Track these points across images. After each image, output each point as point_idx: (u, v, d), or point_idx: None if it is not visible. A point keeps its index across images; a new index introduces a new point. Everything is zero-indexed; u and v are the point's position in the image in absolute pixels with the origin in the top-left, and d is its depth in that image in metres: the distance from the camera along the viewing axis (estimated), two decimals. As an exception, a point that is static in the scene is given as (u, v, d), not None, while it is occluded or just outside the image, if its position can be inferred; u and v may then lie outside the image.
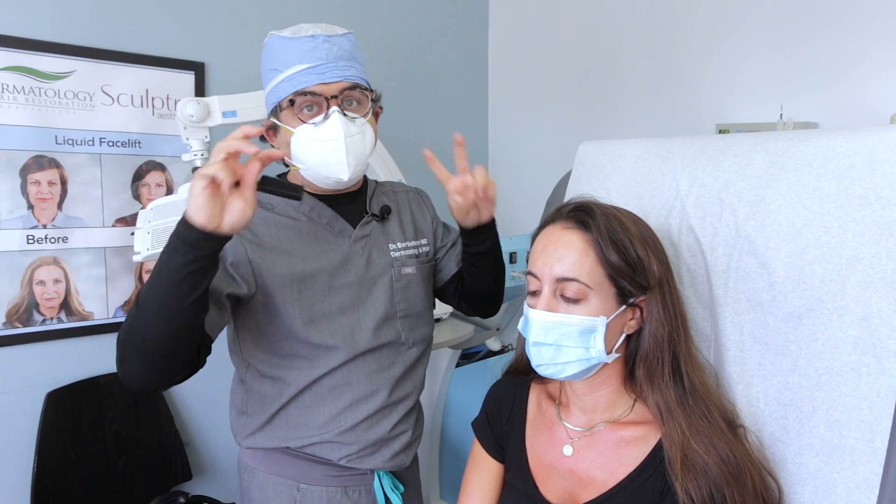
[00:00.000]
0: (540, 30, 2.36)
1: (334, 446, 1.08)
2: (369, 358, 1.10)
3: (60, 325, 1.67)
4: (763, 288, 0.88)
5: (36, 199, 1.62)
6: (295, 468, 1.09)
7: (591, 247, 0.84)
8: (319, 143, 1.03)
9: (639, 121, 2.05)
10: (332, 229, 1.11)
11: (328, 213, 1.11)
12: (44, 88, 1.60)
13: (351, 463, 1.08)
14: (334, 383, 1.07)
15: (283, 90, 1.04)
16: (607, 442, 0.88)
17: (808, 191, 0.87)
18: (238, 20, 1.91)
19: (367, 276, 1.11)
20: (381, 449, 1.11)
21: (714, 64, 1.84)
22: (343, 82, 1.04)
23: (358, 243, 1.12)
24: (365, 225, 1.14)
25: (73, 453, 1.65)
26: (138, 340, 0.85)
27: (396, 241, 1.17)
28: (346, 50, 1.06)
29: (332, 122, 1.02)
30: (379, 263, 1.13)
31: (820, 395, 0.83)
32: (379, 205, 1.18)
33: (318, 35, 1.04)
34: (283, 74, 1.04)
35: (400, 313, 1.13)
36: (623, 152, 1.12)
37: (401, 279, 1.14)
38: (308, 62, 1.03)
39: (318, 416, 1.07)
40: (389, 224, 1.18)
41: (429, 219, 1.27)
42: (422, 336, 1.19)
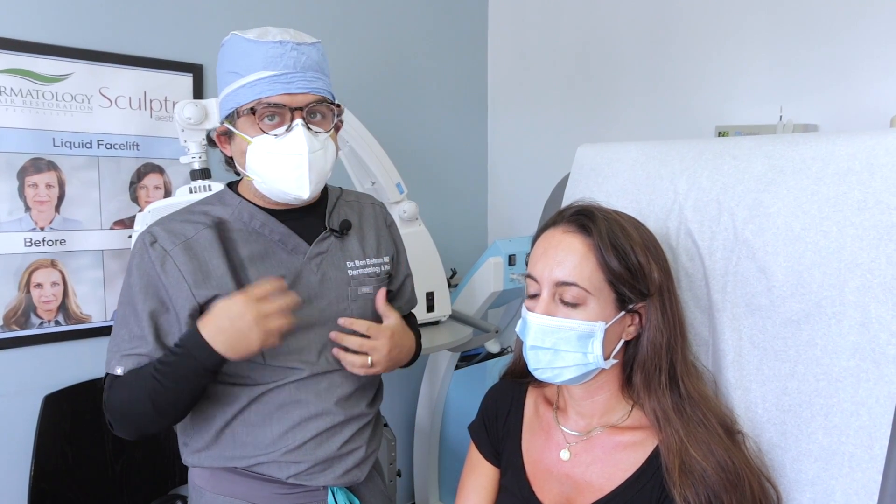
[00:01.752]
0: (539, 31, 2.35)
1: (281, 465, 1.03)
2: (319, 378, 1.05)
3: (58, 328, 1.67)
4: (761, 292, 0.88)
5: (33, 202, 1.61)
6: (243, 487, 1.04)
7: (592, 251, 0.83)
8: (280, 156, 0.97)
9: (638, 123, 2.05)
10: (284, 246, 1.04)
11: (281, 230, 1.04)
12: (41, 91, 1.60)
13: (300, 480, 1.04)
14: (282, 401, 1.03)
15: (243, 96, 0.97)
16: (604, 447, 0.87)
17: (807, 195, 0.86)
18: (236, 22, 1.90)
19: (320, 294, 1.05)
20: (331, 466, 1.05)
21: (713, 65, 1.83)
22: (310, 95, 0.98)
23: (313, 260, 1.05)
24: (322, 241, 1.07)
25: (70, 456, 1.64)
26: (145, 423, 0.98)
27: (355, 258, 1.10)
28: (314, 60, 1.00)
29: (296, 136, 0.96)
30: (334, 282, 1.07)
31: (818, 401, 0.83)
32: (339, 219, 1.11)
33: (287, 42, 0.97)
34: (244, 79, 0.97)
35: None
36: (621, 155, 1.12)
37: (357, 299, 1.08)
38: (273, 69, 0.96)
39: (265, 435, 1.02)
40: (349, 240, 1.11)
41: (391, 242, 1.20)
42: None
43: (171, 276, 0.97)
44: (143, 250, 0.99)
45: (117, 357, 0.99)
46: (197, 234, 1.00)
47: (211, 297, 0.98)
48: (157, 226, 1.01)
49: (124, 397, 0.97)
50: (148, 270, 0.98)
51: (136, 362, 0.97)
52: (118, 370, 0.98)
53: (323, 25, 2.09)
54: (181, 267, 0.97)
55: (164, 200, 1.58)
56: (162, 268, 0.97)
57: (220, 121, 1.04)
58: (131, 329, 0.99)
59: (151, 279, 0.98)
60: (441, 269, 1.96)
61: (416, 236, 1.91)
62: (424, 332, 1.91)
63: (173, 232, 1.00)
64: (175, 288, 0.97)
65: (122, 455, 1.73)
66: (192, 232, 1.00)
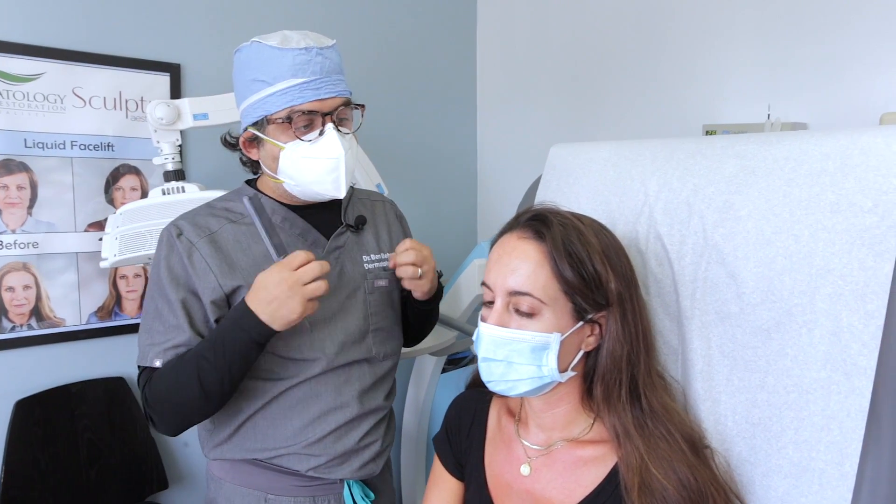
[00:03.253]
0: (528, 31, 2.31)
1: (301, 458, 1.06)
2: (339, 371, 1.08)
3: (31, 332, 1.64)
4: (731, 299, 0.84)
5: (4, 204, 1.58)
6: (262, 479, 1.07)
7: (547, 259, 0.79)
8: (315, 160, 1.00)
9: (627, 122, 2.00)
10: (304, 240, 1.09)
11: (301, 224, 1.09)
12: (12, 91, 1.57)
13: (318, 473, 1.06)
14: (302, 395, 1.05)
15: (273, 104, 1.00)
16: (565, 462, 0.83)
17: (779, 197, 0.82)
18: (215, 21, 1.87)
19: (339, 287, 1.08)
20: (349, 459, 1.08)
21: (701, 63, 1.79)
22: (337, 98, 1.02)
23: (331, 254, 1.09)
24: (339, 236, 1.12)
25: (43, 462, 1.61)
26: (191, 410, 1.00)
27: (370, 252, 1.15)
28: (335, 63, 1.03)
29: (331, 140, 1.00)
30: (352, 275, 1.11)
31: (788, 414, 0.78)
32: (354, 214, 1.16)
33: (311, 47, 1.00)
34: (273, 87, 0.99)
35: (372, 326, 1.12)
36: (593, 155, 1.08)
37: (374, 292, 1.13)
38: (302, 76, 0.99)
39: (285, 428, 1.05)
40: (364, 235, 1.16)
41: (402, 234, 1.25)
42: (392, 349, 1.18)
43: (197, 266, 1.01)
44: (170, 242, 1.03)
45: (154, 350, 1.01)
46: (221, 229, 1.05)
47: (236, 286, 1.02)
48: (182, 219, 1.05)
49: (168, 385, 0.98)
50: (175, 261, 1.02)
51: (175, 353, 1.00)
52: (157, 363, 1.00)
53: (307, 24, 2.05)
54: (207, 259, 1.01)
55: (137, 202, 1.55)
56: (189, 259, 1.01)
57: (244, 126, 1.06)
58: (165, 320, 1.01)
59: (179, 269, 1.01)
60: (424, 272, 1.92)
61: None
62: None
63: (198, 225, 1.04)
64: (201, 278, 1.01)
65: (97, 461, 1.70)
66: (216, 226, 1.05)
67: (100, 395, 1.73)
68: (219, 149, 1.88)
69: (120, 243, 1.47)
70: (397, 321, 1.20)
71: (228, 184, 1.80)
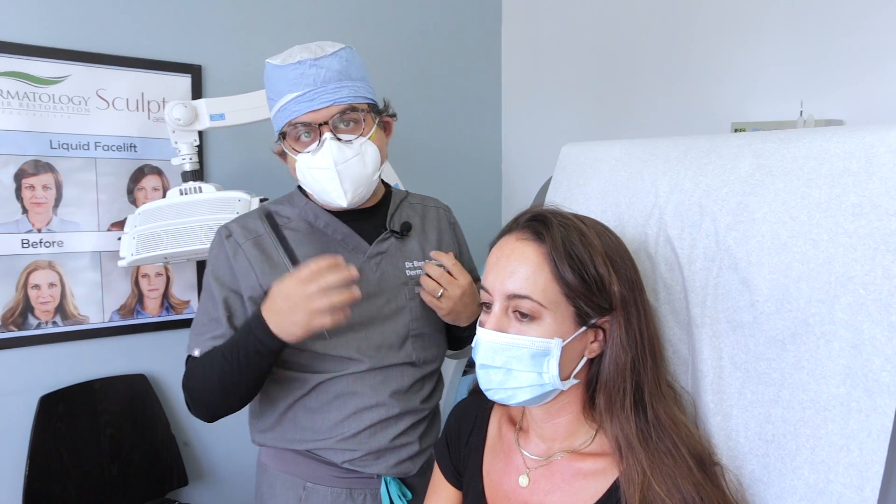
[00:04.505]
0: (553, 27, 2.26)
1: (337, 451, 1.08)
2: (376, 372, 1.09)
3: (56, 329, 1.68)
4: (744, 307, 0.79)
5: (30, 204, 1.63)
6: (302, 467, 1.10)
7: (546, 262, 0.76)
8: (316, 170, 1.02)
9: (653, 119, 1.94)
10: (346, 246, 1.11)
11: (343, 230, 1.11)
12: (38, 93, 1.61)
13: (354, 466, 1.08)
14: (339, 391, 1.08)
15: (279, 120, 1.05)
16: (564, 474, 0.80)
17: (797, 198, 0.76)
18: (235, 22, 1.88)
19: (378, 292, 1.10)
20: (383, 456, 1.09)
21: (730, 58, 1.71)
22: (332, 107, 1.02)
23: (372, 259, 1.11)
24: (382, 241, 1.13)
25: (66, 457, 1.65)
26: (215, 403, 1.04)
27: (414, 259, 1.15)
28: (335, 71, 1.03)
29: (324, 150, 1.01)
30: (392, 281, 1.12)
31: (805, 432, 0.73)
32: (400, 220, 1.17)
33: (305, 60, 1.01)
34: (277, 104, 1.04)
35: (413, 332, 1.12)
36: (604, 155, 1.04)
37: (414, 298, 1.13)
38: (296, 90, 1.01)
39: (323, 421, 1.08)
40: (410, 241, 1.16)
41: (455, 243, 1.25)
42: (432, 356, 1.18)
43: (241, 265, 1.06)
44: (220, 243, 1.09)
45: (196, 340, 1.06)
46: (267, 232, 1.09)
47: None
48: (233, 222, 1.11)
49: (199, 376, 1.04)
50: (222, 261, 1.07)
51: (211, 344, 1.04)
52: (196, 352, 1.05)
53: (330, 25, 2.05)
54: (251, 259, 1.06)
55: (155, 202, 1.57)
56: (234, 258, 1.06)
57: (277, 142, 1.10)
58: (209, 313, 1.07)
59: (224, 269, 1.07)
60: (442, 273, 1.89)
61: (416, 239, 1.85)
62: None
63: (246, 228, 1.09)
64: (244, 276, 1.06)
65: (118, 457, 1.73)
66: (262, 229, 1.09)
67: (121, 392, 1.76)
68: (238, 149, 1.91)
69: (137, 243, 1.49)
70: (440, 328, 1.19)
71: (247, 184, 1.82)
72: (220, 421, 1.09)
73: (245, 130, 1.75)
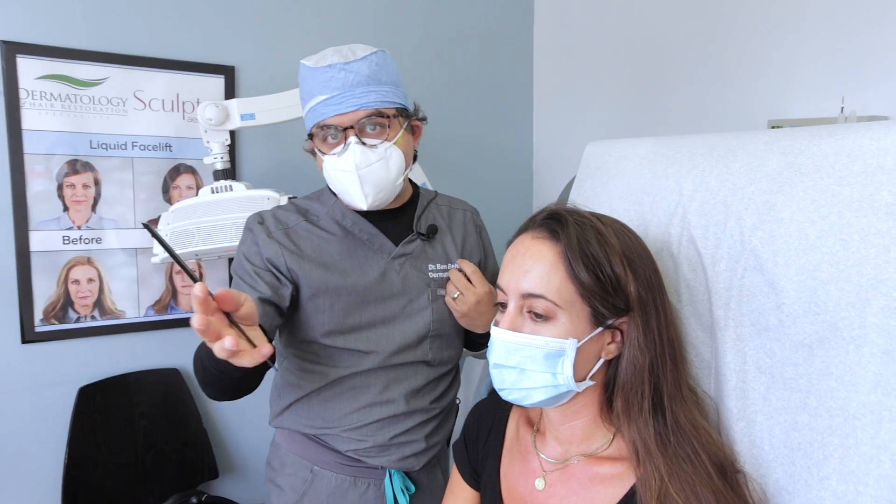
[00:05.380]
0: (585, 25, 2.23)
1: (343, 440, 1.11)
2: (391, 369, 1.12)
3: (94, 323, 1.74)
4: (769, 310, 0.76)
5: (71, 202, 1.68)
6: (312, 451, 1.14)
7: (562, 260, 0.74)
8: (340, 173, 1.05)
9: (686, 117, 1.89)
10: (371, 245, 1.13)
11: (370, 230, 1.13)
12: (79, 95, 1.67)
13: (359, 456, 1.11)
14: (353, 384, 1.11)
15: (310, 120, 1.08)
16: (580, 478, 0.78)
17: (826, 197, 0.73)
18: (267, 24, 1.91)
19: (401, 293, 1.12)
20: (387, 450, 1.11)
21: (768, 52, 1.66)
22: (359, 111, 1.03)
23: (396, 260, 1.13)
24: (408, 243, 1.14)
25: (102, 447, 1.71)
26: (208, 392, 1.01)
27: (437, 261, 1.16)
28: (364, 75, 1.04)
29: (348, 154, 1.03)
30: (415, 282, 1.13)
31: (833, 441, 0.70)
32: (427, 223, 1.18)
33: (335, 64, 1.04)
34: (308, 105, 1.07)
35: (431, 333, 1.14)
36: (629, 153, 1.01)
37: (436, 300, 1.14)
38: (326, 93, 1.04)
39: (334, 411, 1.11)
40: (435, 243, 1.18)
41: (480, 247, 1.26)
42: (448, 357, 1.19)
43: (270, 246, 1.08)
44: (252, 226, 1.12)
45: None
46: (297, 225, 1.12)
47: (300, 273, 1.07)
48: (266, 212, 1.14)
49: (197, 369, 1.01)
50: (251, 242, 1.10)
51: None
52: None
53: (361, 26, 2.07)
54: (280, 245, 1.08)
55: (188, 200, 1.61)
56: (266, 239, 1.09)
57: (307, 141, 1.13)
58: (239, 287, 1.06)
59: (253, 249, 1.09)
60: (469, 273, 1.89)
61: (443, 238, 1.85)
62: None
63: (278, 218, 1.12)
64: (270, 251, 1.08)
65: (152, 448, 1.78)
66: (293, 222, 1.13)
67: (155, 386, 1.81)
68: (270, 149, 1.94)
69: (169, 240, 1.52)
70: (459, 331, 1.20)
71: (277, 183, 1.85)
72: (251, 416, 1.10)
73: (275, 130, 1.78)
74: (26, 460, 1.68)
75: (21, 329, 1.65)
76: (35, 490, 1.69)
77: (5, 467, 1.66)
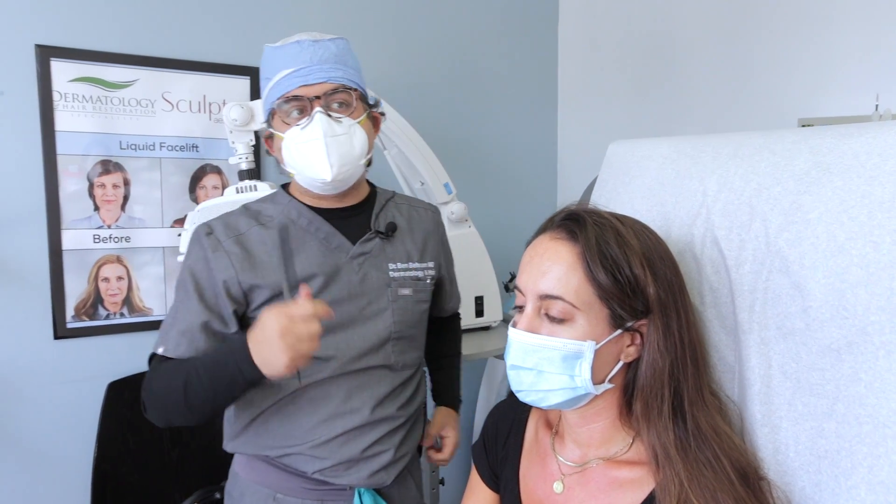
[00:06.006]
0: (611, 23, 2.20)
1: (308, 459, 1.06)
2: (353, 376, 1.07)
3: (123, 320, 1.77)
4: (795, 313, 0.74)
5: (101, 201, 1.72)
6: (273, 477, 1.08)
7: (580, 262, 0.73)
8: (304, 144, 1.02)
9: (714, 116, 1.86)
10: (328, 244, 1.09)
11: (326, 229, 1.09)
12: (109, 97, 1.70)
13: (325, 477, 1.06)
14: (313, 395, 1.06)
15: (272, 96, 1.05)
16: (599, 482, 0.77)
17: (856, 197, 0.71)
18: (293, 25, 1.93)
19: (360, 294, 1.08)
20: (356, 465, 1.07)
21: (799, 48, 1.62)
22: (326, 84, 1.03)
23: (355, 260, 1.09)
24: (366, 242, 1.11)
25: (131, 441, 1.74)
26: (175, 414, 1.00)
27: (398, 260, 1.13)
28: (332, 53, 1.05)
29: (314, 122, 1.01)
30: (374, 282, 1.10)
31: (861, 450, 0.68)
32: (386, 221, 1.15)
33: (304, 40, 1.04)
34: (272, 81, 1.05)
35: (393, 335, 1.11)
36: (652, 152, 1.00)
37: (397, 300, 1.11)
38: (293, 66, 1.02)
39: (295, 426, 1.05)
40: (395, 242, 1.14)
41: (440, 245, 1.24)
42: (411, 360, 1.16)
43: (220, 261, 1.03)
44: (199, 239, 1.06)
45: (163, 337, 1.03)
46: (249, 231, 1.07)
47: (254, 284, 1.03)
48: (215, 220, 1.09)
49: (162, 383, 1.00)
50: (199, 257, 1.05)
51: (176, 343, 1.01)
52: (160, 349, 1.03)
53: (381, 24, 2.08)
54: (231, 256, 1.04)
55: (213, 200, 1.63)
56: (213, 254, 1.04)
57: (264, 124, 1.11)
58: (179, 310, 1.04)
59: (201, 266, 1.04)
60: (492, 273, 1.88)
61: (465, 238, 1.85)
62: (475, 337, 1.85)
63: (228, 226, 1.08)
64: (222, 272, 1.03)
65: (178, 444, 1.81)
66: (244, 228, 1.08)
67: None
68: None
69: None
70: (421, 332, 1.18)
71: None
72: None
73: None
74: (58, 453, 1.72)
75: (53, 325, 1.69)
76: (66, 482, 1.73)
77: (38, 459, 1.71)
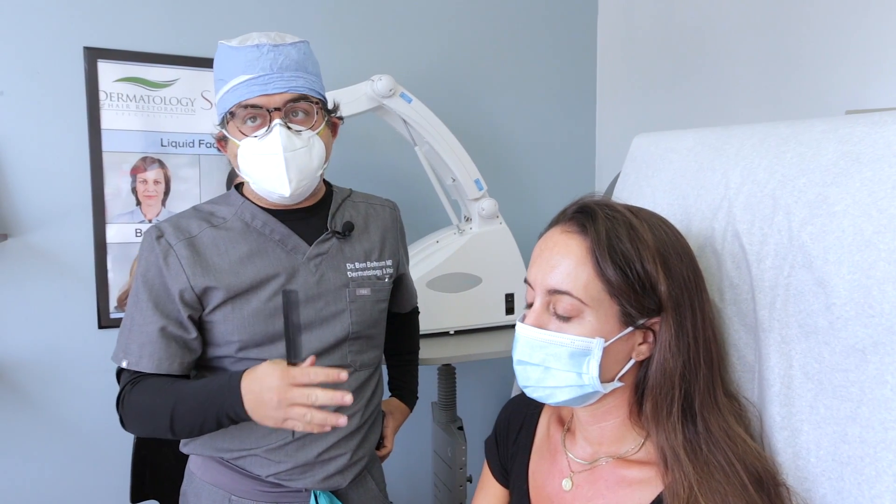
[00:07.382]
0: (651, 12, 2.15)
1: (263, 462, 1.04)
2: None
3: (163, 311, 1.83)
4: (818, 311, 0.70)
5: (143, 197, 1.79)
6: (228, 479, 1.07)
7: (590, 256, 0.72)
8: (261, 157, 0.98)
9: (757, 108, 1.78)
10: (284, 246, 1.06)
11: (281, 230, 1.07)
12: (152, 96, 1.77)
13: (280, 480, 1.05)
14: None
15: (227, 101, 1.01)
16: (608, 480, 0.75)
17: (887, 189, 0.67)
18: (325, 23, 1.96)
19: (318, 296, 1.06)
20: (311, 469, 1.06)
21: (848, 36, 1.53)
22: (287, 94, 0.99)
23: (312, 261, 1.07)
24: (322, 242, 1.09)
25: (169, 429, 1.80)
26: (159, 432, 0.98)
27: (356, 260, 1.11)
28: (293, 60, 1.01)
29: (273, 135, 0.97)
30: (332, 283, 1.08)
31: (887, 456, 0.64)
32: (342, 220, 1.13)
33: (264, 44, 0.99)
34: (228, 85, 1.01)
35: (351, 335, 1.09)
36: (676, 145, 0.97)
37: (355, 300, 1.10)
38: (251, 72, 0.98)
39: (250, 430, 1.03)
40: (352, 241, 1.12)
41: (398, 241, 1.22)
42: (370, 360, 1.14)
43: (172, 267, 1.01)
44: (150, 244, 1.04)
45: (124, 348, 1.01)
46: (201, 233, 1.05)
47: (207, 286, 1.01)
48: (165, 222, 1.06)
49: (145, 402, 0.98)
50: (151, 263, 1.03)
51: (138, 356, 1.00)
52: (124, 363, 1.01)
53: (419, 20, 2.08)
54: (182, 261, 1.01)
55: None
56: (164, 260, 1.02)
57: (219, 125, 1.06)
58: (135, 318, 1.02)
59: (154, 271, 1.02)
60: (522, 270, 1.86)
61: (496, 234, 1.84)
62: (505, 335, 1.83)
63: (179, 228, 1.05)
64: (174, 278, 1.01)
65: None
66: (196, 230, 1.05)
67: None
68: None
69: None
70: (380, 331, 1.16)
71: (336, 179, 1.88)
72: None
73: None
74: (100, 437, 1.80)
75: (98, 315, 1.76)
76: (107, 465, 1.81)
77: (82, 444, 1.79)
